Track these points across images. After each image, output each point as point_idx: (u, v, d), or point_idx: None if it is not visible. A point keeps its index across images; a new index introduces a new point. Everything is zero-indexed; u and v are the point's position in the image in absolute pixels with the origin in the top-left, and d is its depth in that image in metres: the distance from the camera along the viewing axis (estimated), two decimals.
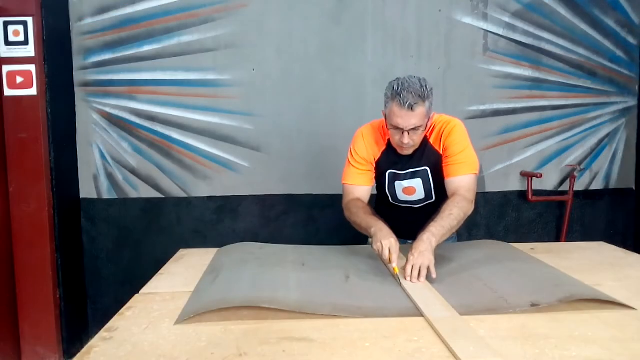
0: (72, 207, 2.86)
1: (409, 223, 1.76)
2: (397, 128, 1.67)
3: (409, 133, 1.66)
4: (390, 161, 1.83)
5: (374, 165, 1.85)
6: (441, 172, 1.79)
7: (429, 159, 1.79)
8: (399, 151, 1.78)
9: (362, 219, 1.72)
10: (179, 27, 2.86)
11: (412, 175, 1.83)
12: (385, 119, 1.73)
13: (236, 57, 2.89)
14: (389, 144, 1.82)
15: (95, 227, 2.94)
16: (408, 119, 1.63)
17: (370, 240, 1.70)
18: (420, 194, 1.86)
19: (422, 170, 1.81)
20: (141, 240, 2.96)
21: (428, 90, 1.64)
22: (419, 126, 1.66)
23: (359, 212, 1.74)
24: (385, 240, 1.56)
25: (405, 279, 1.48)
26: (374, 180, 1.88)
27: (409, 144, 1.69)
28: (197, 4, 2.85)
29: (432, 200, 1.87)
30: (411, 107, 1.61)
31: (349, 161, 1.87)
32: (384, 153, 1.84)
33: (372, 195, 1.93)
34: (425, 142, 1.79)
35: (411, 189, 1.85)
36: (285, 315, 1.27)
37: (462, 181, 1.73)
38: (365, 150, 1.83)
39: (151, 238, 2.96)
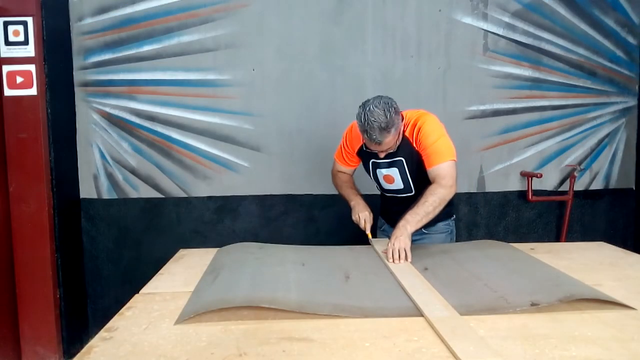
0: (72, 207, 2.86)
1: (397, 212, 1.90)
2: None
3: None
4: (372, 151, 1.96)
5: (356, 153, 2.06)
6: (418, 164, 1.91)
7: (404, 150, 1.91)
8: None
9: (344, 191, 2.09)
10: (179, 27, 2.86)
11: (389, 165, 1.95)
12: None
13: (236, 57, 2.89)
14: None
15: (95, 227, 2.94)
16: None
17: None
18: (398, 183, 1.97)
19: (398, 160, 1.93)
20: (141, 240, 2.96)
21: (393, 117, 1.76)
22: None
23: (343, 185, 2.12)
24: (362, 213, 1.97)
25: (389, 260, 1.68)
26: (356, 166, 2.14)
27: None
28: (197, 4, 2.85)
29: (412, 193, 1.97)
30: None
31: (341, 143, 2.12)
32: (365, 144, 1.97)
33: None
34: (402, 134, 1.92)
35: (390, 177, 1.97)
36: (285, 315, 1.27)
37: (438, 169, 1.85)
38: (350, 141, 2.06)
39: (151, 238, 2.96)
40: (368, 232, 1.91)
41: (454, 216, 2.12)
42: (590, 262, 1.81)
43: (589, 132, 3.12)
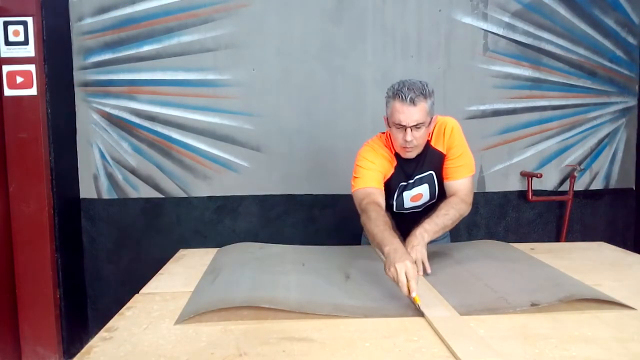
0: (72, 207, 2.86)
1: (410, 227, 1.73)
2: (399, 126, 1.65)
3: (411, 130, 1.64)
4: (401, 175, 1.81)
5: (385, 181, 1.81)
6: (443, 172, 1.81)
7: (432, 162, 1.80)
8: (403, 154, 1.75)
9: (379, 229, 1.52)
10: (179, 27, 2.86)
11: (420, 182, 1.83)
12: (388, 123, 1.73)
13: (236, 57, 2.89)
14: (397, 159, 1.81)
15: (95, 227, 2.94)
16: (410, 114, 1.62)
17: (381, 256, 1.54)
18: (426, 197, 1.87)
19: (428, 175, 1.82)
20: (141, 240, 2.96)
21: (429, 90, 1.66)
22: (421, 123, 1.64)
23: (378, 221, 1.56)
24: (400, 263, 1.33)
25: None
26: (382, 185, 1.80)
27: (411, 142, 1.66)
28: (197, 4, 2.85)
29: (434, 201, 1.88)
30: (412, 101, 1.60)
31: (358, 168, 1.79)
32: (396, 169, 1.81)
33: None
34: (427, 145, 1.78)
35: (418, 195, 1.86)
36: (285, 315, 1.27)
37: (461, 184, 1.77)
38: (379, 159, 1.78)
39: (151, 238, 2.96)
40: (414, 293, 1.28)
41: None
42: (590, 262, 1.81)
43: (589, 132, 3.12)
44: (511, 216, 3.11)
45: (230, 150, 2.94)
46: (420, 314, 1.27)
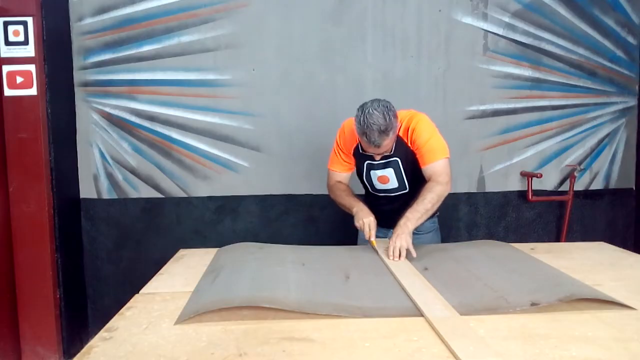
0: (72, 207, 2.86)
1: (387, 212, 1.96)
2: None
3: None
4: (366, 152, 1.96)
5: (352, 156, 2.05)
6: (412, 163, 1.94)
7: (399, 149, 1.93)
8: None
9: (345, 200, 2.01)
10: (179, 27, 2.86)
11: (385, 165, 1.97)
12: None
13: (236, 57, 2.89)
14: None
15: (95, 227, 2.94)
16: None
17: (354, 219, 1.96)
18: (393, 182, 1.99)
19: (394, 160, 1.95)
20: (141, 240, 2.96)
21: (392, 120, 1.78)
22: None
23: (342, 194, 2.04)
24: (366, 218, 1.88)
25: (389, 258, 1.71)
26: (354, 167, 2.09)
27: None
28: (197, 4, 2.85)
29: (406, 191, 2.00)
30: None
31: (334, 149, 2.09)
32: (360, 145, 1.96)
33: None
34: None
35: (385, 177, 1.99)
36: (285, 315, 1.27)
37: (433, 167, 1.90)
38: (344, 142, 2.04)
39: (151, 238, 2.96)
40: (372, 238, 1.85)
41: (438, 213, 2.14)
42: (590, 262, 1.81)
43: (589, 132, 3.12)
44: (511, 216, 3.11)
45: (230, 150, 2.94)
46: (420, 313, 1.27)
